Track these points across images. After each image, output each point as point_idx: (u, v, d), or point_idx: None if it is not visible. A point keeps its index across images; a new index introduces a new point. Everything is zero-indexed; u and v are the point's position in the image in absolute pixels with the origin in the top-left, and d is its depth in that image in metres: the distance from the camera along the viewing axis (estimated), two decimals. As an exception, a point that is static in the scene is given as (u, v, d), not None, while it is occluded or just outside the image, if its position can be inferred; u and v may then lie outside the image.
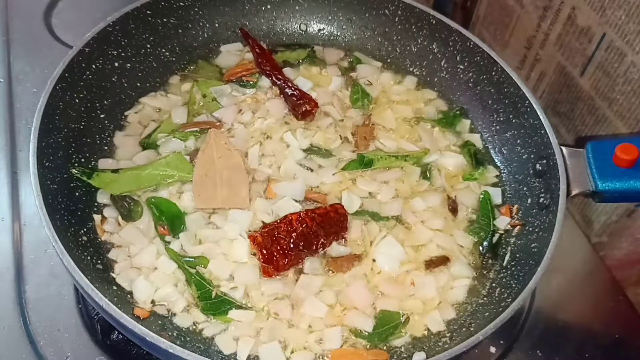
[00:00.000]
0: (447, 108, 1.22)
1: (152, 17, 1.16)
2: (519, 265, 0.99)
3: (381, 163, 1.10)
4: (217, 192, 1.01)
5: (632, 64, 1.05)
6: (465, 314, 0.97)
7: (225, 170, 1.03)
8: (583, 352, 1.03)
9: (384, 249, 1.00)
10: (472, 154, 1.15)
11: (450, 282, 0.99)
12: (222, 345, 0.89)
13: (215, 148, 1.05)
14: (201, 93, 1.16)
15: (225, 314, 0.91)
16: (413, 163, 1.11)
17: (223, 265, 0.95)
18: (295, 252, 0.95)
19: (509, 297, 0.94)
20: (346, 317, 0.93)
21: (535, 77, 1.31)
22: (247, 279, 0.94)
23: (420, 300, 0.96)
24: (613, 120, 1.13)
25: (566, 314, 1.10)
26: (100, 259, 0.94)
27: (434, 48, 1.23)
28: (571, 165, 0.99)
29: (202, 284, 0.92)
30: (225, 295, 0.92)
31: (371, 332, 0.92)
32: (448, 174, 1.12)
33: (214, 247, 0.97)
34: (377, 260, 0.99)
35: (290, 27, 1.30)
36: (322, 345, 0.90)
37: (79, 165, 1.01)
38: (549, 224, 0.95)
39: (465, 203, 1.09)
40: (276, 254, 0.94)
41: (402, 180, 1.09)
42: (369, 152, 1.11)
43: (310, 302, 0.93)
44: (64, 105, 1.00)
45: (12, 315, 0.96)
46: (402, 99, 1.22)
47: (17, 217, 1.07)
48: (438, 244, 1.02)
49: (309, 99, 1.15)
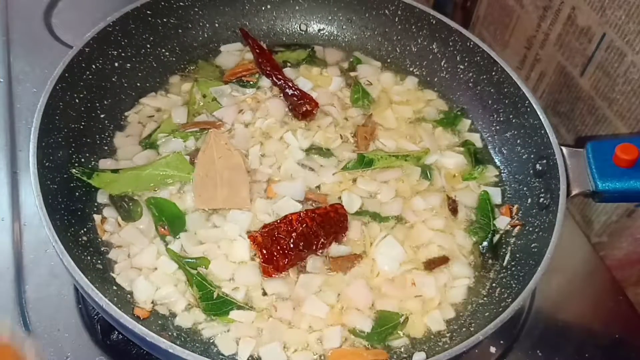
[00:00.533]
0: (448, 108, 1.22)
1: (152, 17, 1.16)
2: (519, 265, 0.99)
3: (381, 163, 1.10)
4: (218, 193, 1.01)
5: (632, 64, 1.05)
6: (465, 314, 0.97)
7: (225, 171, 1.03)
8: (583, 352, 1.03)
9: (384, 249, 1.00)
10: (472, 153, 1.15)
11: (450, 282, 0.99)
12: (222, 346, 0.89)
13: (215, 148, 1.05)
14: (201, 93, 1.16)
15: (226, 314, 0.91)
16: (413, 163, 1.11)
17: (224, 265, 0.95)
18: (295, 252, 0.95)
19: (509, 297, 0.94)
20: (345, 317, 0.93)
21: (535, 77, 1.31)
22: (248, 280, 0.94)
23: (420, 300, 0.96)
24: (613, 120, 1.13)
25: (566, 314, 1.10)
26: (100, 259, 0.94)
27: (434, 48, 1.23)
28: (571, 165, 0.99)
29: (203, 285, 0.92)
30: (226, 296, 0.92)
31: (370, 332, 0.92)
32: (448, 173, 1.12)
33: (214, 247, 0.97)
34: (377, 261, 0.99)
35: (290, 27, 1.30)
36: (322, 345, 0.90)
37: (79, 165, 1.01)
38: (549, 224, 0.95)
39: (465, 203, 1.09)
40: (276, 254, 0.94)
41: (402, 180, 1.09)
42: (369, 152, 1.12)
43: (311, 302, 0.93)
44: (64, 105, 1.00)
45: (12, 315, 0.96)
46: (402, 99, 1.22)
47: (17, 217, 1.07)
48: (438, 244, 1.02)
49: (309, 99, 1.15)
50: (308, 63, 1.25)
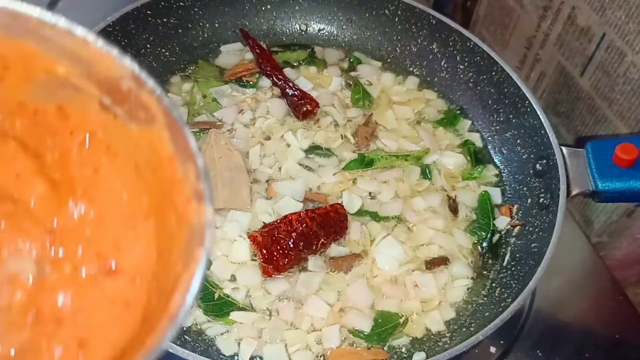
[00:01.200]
0: (447, 108, 1.22)
1: (152, 17, 1.16)
2: (519, 265, 0.99)
3: (382, 163, 1.10)
4: (218, 193, 1.01)
5: (632, 64, 1.05)
6: (465, 314, 0.97)
7: (225, 171, 1.03)
8: (583, 352, 1.03)
9: (384, 249, 0.99)
10: (472, 152, 1.15)
11: (450, 282, 0.99)
12: (223, 346, 0.89)
13: (215, 148, 1.05)
14: (201, 93, 1.16)
15: (227, 315, 0.91)
16: (414, 163, 1.11)
17: (224, 266, 0.95)
18: (295, 252, 0.95)
19: (509, 297, 0.94)
20: (345, 317, 0.93)
21: (535, 77, 1.31)
22: (248, 280, 0.94)
23: (420, 300, 0.96)
24: (613, 120, 1.13)
25: (566, 314, 1.10)
26: (101, 259, 0.94)
27: (434, 48, 1.23)
28: (571, 165, 0.99)
29: (205, 286, 0.92)
30: (227, 297, 0.92)
31: (370, 332, 0.92)
32: (448, 173, 1.12)
33: (215, 248, 0.97)
34: (377, 261, 0.99)
35: (290, 27, 1.30)
36: (322, 345, 0.90)
37: (79, 165, 1.01)
38: (549, 224, 0.95)
39: (466, 202, 1.09)
40: (276, 253, 0.94)
41: (402, 180, 1.09)
42: (369, 152, 1.12)
43: (312, 302, 0.93)
44: (64, 106, 1.00)
45: (12, 315, 0.96)
46: (403, 100, 1.22)
47: (17, 217, 1.07)
48: (438, 244, 1.02)
49: (310, 99, 1.15)
50: (308, 63, 1.25)
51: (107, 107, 0.47)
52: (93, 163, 0.49)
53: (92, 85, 0.47)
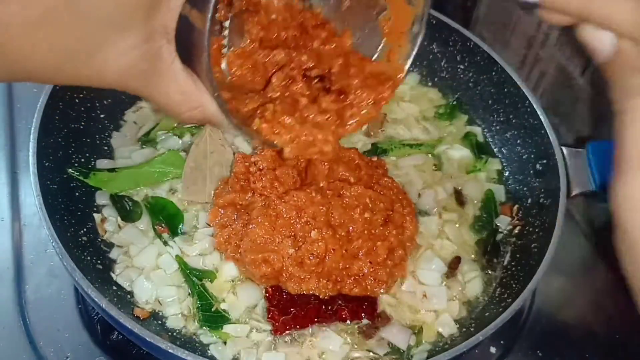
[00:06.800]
0: (447, 106, 1.23)
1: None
2: (519, 265, 0.99)
3: (396, 152, 1.10)
4: (206, 187, 1.00)
5: (632, 64, 1.05)
6: (466, 314, 0.97)
7: (216, 166, 1.02)
8: (583, 352, 1.03)
9: (423, 264, 0.98)
10: (475, 144, 1.16)
11: (463, 283, 0.99)
12: (220, 356, 0.88)
13: (209, 142, 1.04)
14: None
15: (220, 328, 0.89)
16: (428, 151, 1.12)
17: (221, 282, 0.94)
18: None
19: (509, 297, 0.94)
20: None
21: (535, 77, 1.31)
22: (249, 300, 0.93)
23: (428, 310, 0.95)
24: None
25: (566, 314, 1.10)
26: (100, 259, 0.94)
27: (434, 48, 1.23)
28: (571, 165, 0.99)
29: (205, 296, 0.91)
30: (224, 312, 0.91)
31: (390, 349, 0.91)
32: (453, 165, 1.13)
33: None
34: (418, 276, 0.97)
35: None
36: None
37: (78, 165, 1.01)
38: (549, 224, 0.95)
39: (471, 195, 1.09)
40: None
41: (424, 170, 1.10)
42: (383, 141, 1.12)
43: (325, 335, 0.90)
44: (64, 105, 1.00)
45: (12, 315, 0.96)
46: (405, 98, 1.22)
47: (17, 217, 1.07)
48: (447, 236, 1.02)
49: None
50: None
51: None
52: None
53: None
